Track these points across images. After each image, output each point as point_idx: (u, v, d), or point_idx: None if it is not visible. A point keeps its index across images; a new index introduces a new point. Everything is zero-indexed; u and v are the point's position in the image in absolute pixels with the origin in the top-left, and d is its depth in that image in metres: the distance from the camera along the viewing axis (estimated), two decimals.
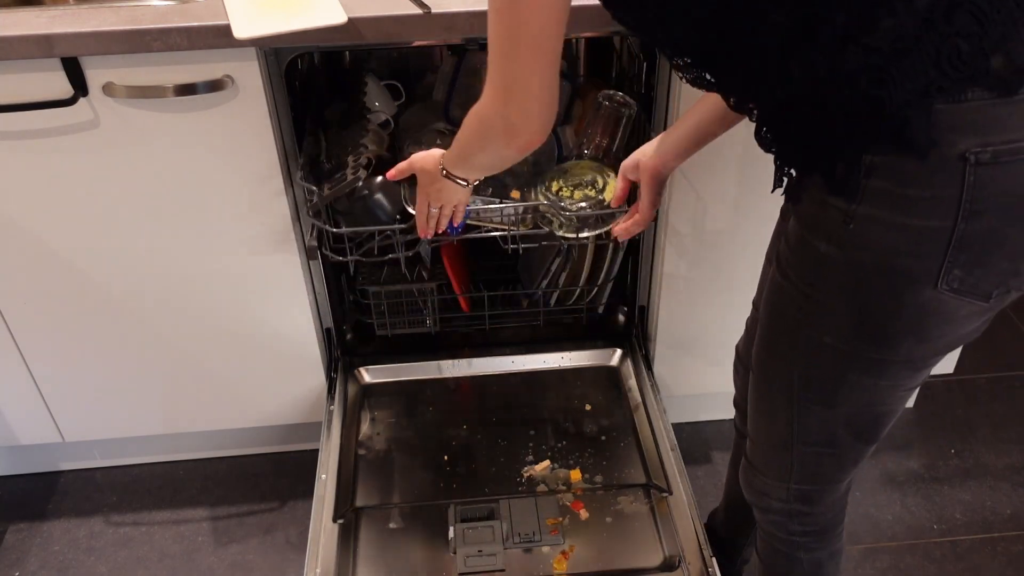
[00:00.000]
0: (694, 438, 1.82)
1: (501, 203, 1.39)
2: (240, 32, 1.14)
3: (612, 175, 1.38)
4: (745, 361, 1.26)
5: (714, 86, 0.89)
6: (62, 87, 1.23)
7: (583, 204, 1.35)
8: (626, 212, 1.26)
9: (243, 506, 1.73)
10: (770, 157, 0.91)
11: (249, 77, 1.24)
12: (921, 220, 0.78)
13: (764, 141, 0.89)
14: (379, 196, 1.39)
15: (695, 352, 1.67)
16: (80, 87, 1.23)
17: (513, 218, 1.40)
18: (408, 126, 1.62)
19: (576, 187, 1.38)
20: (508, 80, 0.88)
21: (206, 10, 1.20)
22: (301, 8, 1.19)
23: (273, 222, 1.40)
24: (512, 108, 0.89)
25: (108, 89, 1.23)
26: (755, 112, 0.88)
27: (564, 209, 1.35)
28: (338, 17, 1.17)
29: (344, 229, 1.38)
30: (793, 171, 0.90)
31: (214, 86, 1.23)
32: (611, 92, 1.44)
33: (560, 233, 1.36)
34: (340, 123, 1.57)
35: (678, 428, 1.48)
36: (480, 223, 1.40)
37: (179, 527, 1.69)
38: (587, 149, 1.45)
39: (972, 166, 0.75)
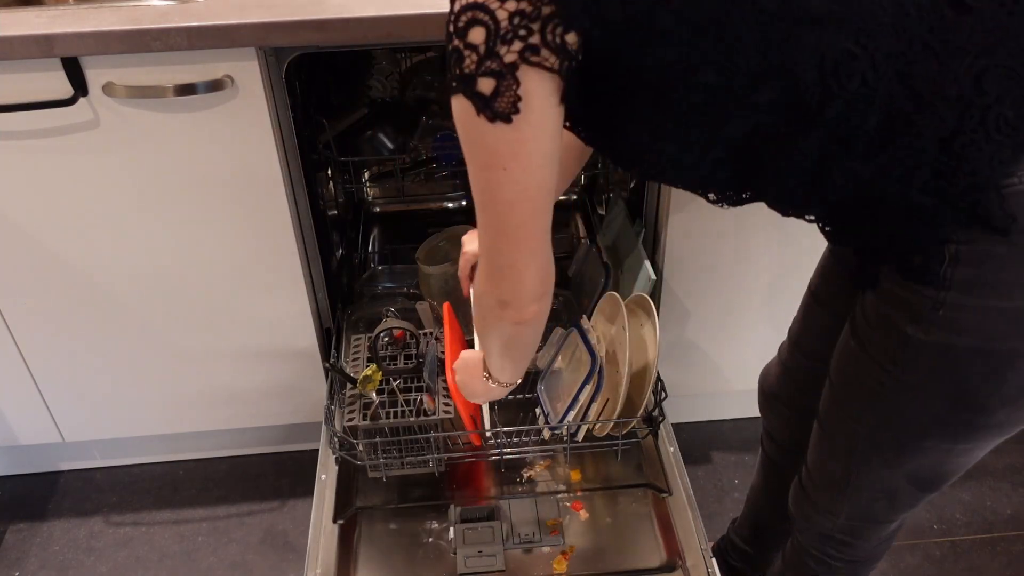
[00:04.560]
0: (694, 438, 1.82)
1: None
2: None
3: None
4: (785, 400, 1.21)
5: (755, 199, 0.85)
6: (62, 87, 1.23)
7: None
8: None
9: (243, 506, 1.73)
10: None
11: (249, 77, 1.24)
12: (1017, 302, 0.77)
13: (829, 237, 0.87)
14: (382, 135, 1.64)
15: (695, 352, 1.67)
16: (80, 87, 1.23)
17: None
18: (411, 74, 1.78)
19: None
20: (496, 264, 0.85)
21: (206, 10, 1.20)
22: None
23: (273, 222, 1.40)
24: (503, 288, 0.86)
25: (108, 89, 1.23)
26: (810, 218, 0.85)
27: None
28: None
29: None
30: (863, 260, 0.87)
31: (214, 86, 1.23)
32: None
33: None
34: (348, 70, 1.66)
35: (678, 428, 1.48)
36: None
37: (179, 527, 1.69)
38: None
39: None
